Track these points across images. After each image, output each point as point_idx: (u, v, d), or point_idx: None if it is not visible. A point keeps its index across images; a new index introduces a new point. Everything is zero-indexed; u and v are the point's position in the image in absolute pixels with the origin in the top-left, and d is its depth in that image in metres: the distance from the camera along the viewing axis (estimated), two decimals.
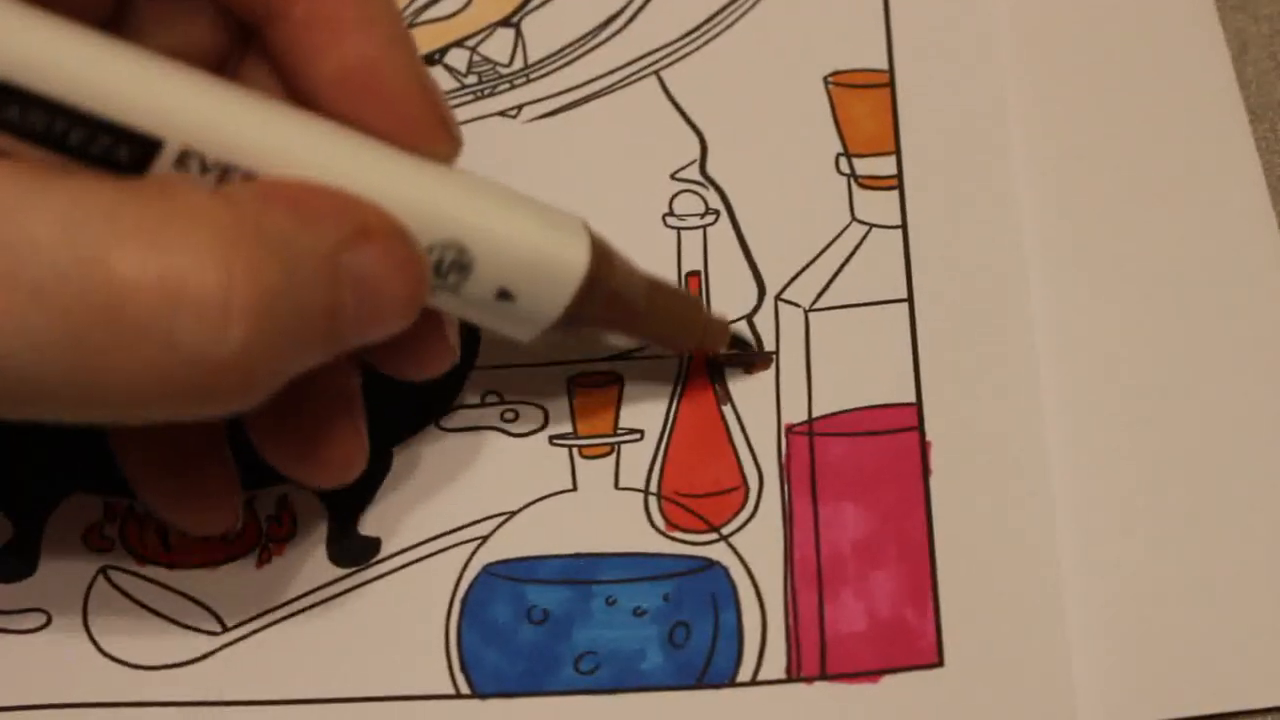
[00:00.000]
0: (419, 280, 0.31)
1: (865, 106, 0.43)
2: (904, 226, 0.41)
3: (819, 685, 0.35)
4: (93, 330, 0.27)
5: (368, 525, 0.38)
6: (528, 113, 0.44)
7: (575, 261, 0.34)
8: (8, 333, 0.27)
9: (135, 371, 0.27)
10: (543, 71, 0.44)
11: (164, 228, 0.27)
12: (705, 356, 0.39)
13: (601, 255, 0.34)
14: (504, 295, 0.33)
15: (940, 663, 0.35)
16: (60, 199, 0.27)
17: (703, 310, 0.38)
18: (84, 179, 0.28)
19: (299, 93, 0.32)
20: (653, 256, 0.41)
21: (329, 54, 0.31)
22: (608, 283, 0.34)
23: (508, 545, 0.37)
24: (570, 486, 0.38)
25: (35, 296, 0.27)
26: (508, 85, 0.44)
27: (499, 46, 0.45)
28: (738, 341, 0.38)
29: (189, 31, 0.34)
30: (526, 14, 0.45)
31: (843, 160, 0.42)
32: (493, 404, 0.39)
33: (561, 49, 0.45)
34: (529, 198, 0.34)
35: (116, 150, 0.29)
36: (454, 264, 0.32)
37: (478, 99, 0.44)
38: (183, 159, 0.29)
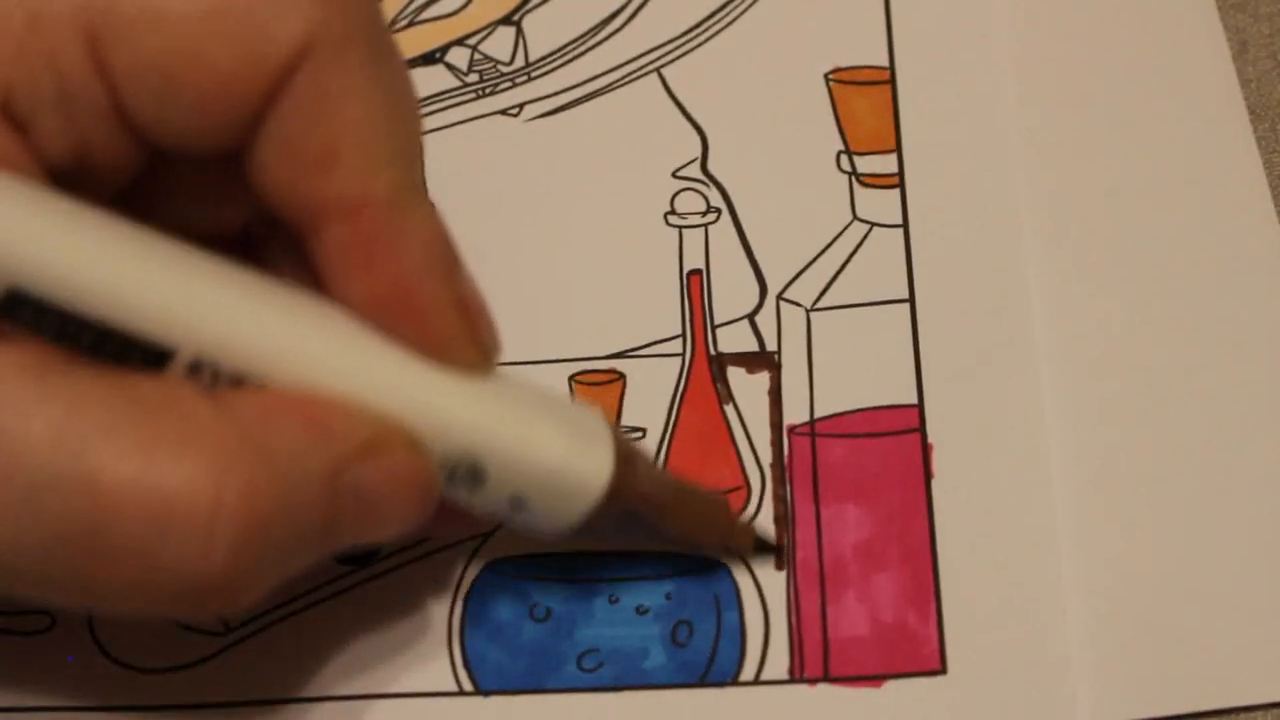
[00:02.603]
0: (424, 495, 0.31)
1: (866, 103, 0.43)
2: (905, 225, 0.41)
3: (822, 687, 0.35)
4: (78, 541, 0.27)
5: None
6: (529, 111, 0.44)
7: (594, 479, 0.32)
8: None
9: (117, 583, 0.28)
10: (544, 69, 0.44)
11: (159, 444, 0.27)
12: (707, 356, 0.39)
13: (625, 466, 0.33)
14: (518, 504, 0.32)
15: (943, 669, 0.35)
16: (60, 402, 0.27)
17: (728, 512, 0.37)
18: (88, 379, 0.28)
19: (328, 295, 0.31)
20: (654, 255, 0.41)
21: (362, 275, 0.30)
22: (629, 494, 0.33)
23: (511, 543, 0.37)
24: None
25: (26, 501, 0.27)
26: (509, 83, 0.44)
27: (500, 44, 0.45)
28: (762, 542, 0.37)
29: (218, 209, 0.33)
30: (527, 12, 0.45)
31: (844, 158, 0.42)
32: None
33: (562, 47, 0.44)
34: (556, 403, 0.33)
35: (128, 354, 0.28)
36: (467, 475, 0.31)
37: (479, 97, 0.44)
38: (195, 367, 0.29)
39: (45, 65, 0.28)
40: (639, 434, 0.39)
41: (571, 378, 0.40)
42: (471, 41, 0.45)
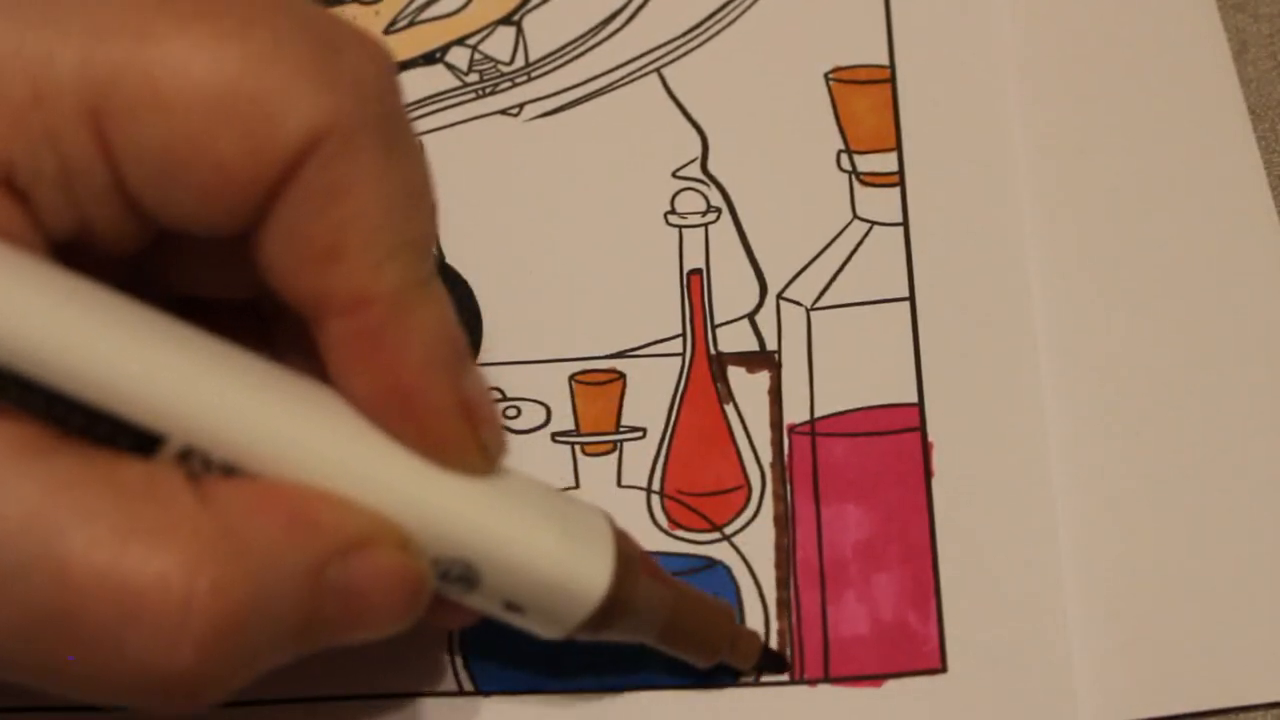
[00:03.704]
0: (414, 595, 0.30)
1: (866, 102, 0.43)
2: (905, 224, 0.41)
3: (822, 688, 0.35)
4: (45, 629, 0.27)
5: None
6: (529, 111, 0.44)
7: (591, 590, 0.32)
8: None
9: (84, 673, 0.27)
10: (544, 69, 0.44)
11: (135, 533, 0.27)
12: (707, 355, 0.39)
13: (624, 576, 0.32)
14: (512, 608, 0.31)
15: (943, 668, 0.35)
16: (37, 484, 0.26)
17: (732, 622, 0.35)
18: (71, 461, 0.27)
19: (332, 378, 0.30)
20: (654, 255, 0.41)
21: (364, 372, 0.29)
22: (628, 604, 0.32)
23: None
24: (573, 484, 0.38)
25: None
26: (509, 83, 0.44)
27: (500, 44, 0.45)
28: (769, 654, 0.36)
29: (225, 282, 0.32)
30: (527, 12, 0.45)
31: (844, 157, 0.42)
32: (495, 400, 0.39)
33: (563, 47, 0.44)
34: (558, 504, 0.32)
35: (118, 438, 0.28)
36: (460, 577, 0.31)
37: (479, 97, 0.44)
38: (185, 455, 0.28)
39: (47, 141, 0.27)
40: (640, 433, 0.39)
41: (571, 377, 0.40)
42: (472, 41, 0.45)
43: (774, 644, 0.36)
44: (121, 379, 0.27)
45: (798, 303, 0.40)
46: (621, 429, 0.39)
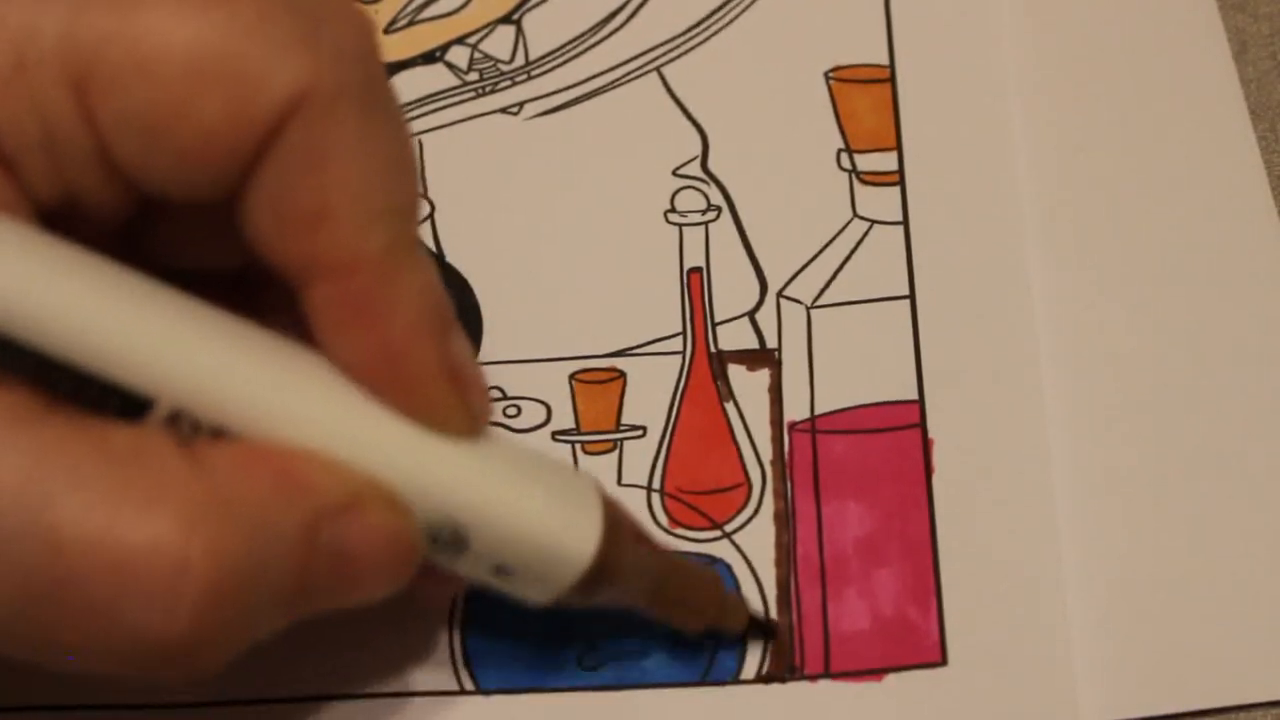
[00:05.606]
0: (405, 556, 0.30)
1: (866, 101, 0.43)
2: (905, 223, 0.41)
3: (823, 684, 0.35)
4: (38, 597, 0.26)
5: None
6: (529, 109, 0.44)
7: (580, 552, 0.32)
8: None
9: (78, 641, 0.27)
10: (544, 68, 0.44)
11: (127, 498, 0.26)
12: (708, 353, 0.39)
13: (612, 540, 0.32)
14: (501, 573, 0.31)
15: (944, 661, 0.35)
16: (28, 451, 0.26)
17: (720, 589, 0.35)
18: (61, 427, 0.27)
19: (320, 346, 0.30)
20: (654, 253, 0.41)
21: (351, 336, 0.29)
22: (616, 567, 0.32)
23: None
24: None
25: None
26: (509, 82, 0.44)
27: (500, 43, 0.45)
28: (755, 622, 0.36)
29: (212, 251, 0.32)
30: (527, 11, 0.45)
31: (844, 156, 0.42)
32: (495, 399, 0.39)
33: (562, 46, 0.45)
34: (547, 469, 0.32)
35: (107, 402, 0.27)
36: (449, 541, 0.30)
37: (479, 96, 0.44)
38: (174, 418, 0.28)
39: (31, 109, 0.27)
40: (640, 432, 0.39)
41: (572, 376, 0.40)
42: (471, 40, 0.45)
43: (779, 644, 0.36)
44: (110, 342, 0.27)
45: (798, 301, 0.40)
46: (622, 427, 0.39)
